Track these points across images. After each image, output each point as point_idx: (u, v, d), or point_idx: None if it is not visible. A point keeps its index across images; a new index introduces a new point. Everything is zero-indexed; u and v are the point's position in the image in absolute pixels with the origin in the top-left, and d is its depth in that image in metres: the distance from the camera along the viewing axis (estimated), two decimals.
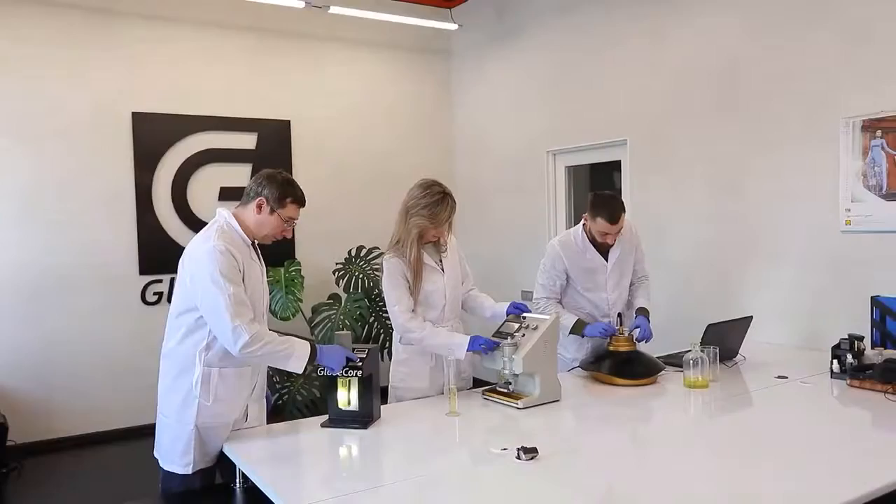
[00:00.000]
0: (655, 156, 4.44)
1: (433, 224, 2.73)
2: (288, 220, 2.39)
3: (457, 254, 2.97)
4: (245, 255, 2.31)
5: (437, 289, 2.83)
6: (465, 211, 6.25)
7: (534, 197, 5.45)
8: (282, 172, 2.43)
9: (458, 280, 2.94)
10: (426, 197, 2.74)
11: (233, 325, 2.13)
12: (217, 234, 2.25)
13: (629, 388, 2.87)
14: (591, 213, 3.13)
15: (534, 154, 5.40)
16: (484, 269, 6.02)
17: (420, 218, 2.72)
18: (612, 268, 3.26)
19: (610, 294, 3.28)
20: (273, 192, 2.34)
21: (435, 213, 2.72)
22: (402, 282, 2.77)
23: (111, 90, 4.87)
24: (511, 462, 2.00)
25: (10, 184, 4.59)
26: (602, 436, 2.32)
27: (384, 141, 6.01)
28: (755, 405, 2.71)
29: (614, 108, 4.69)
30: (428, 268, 2.82)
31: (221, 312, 2.14)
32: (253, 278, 2.33)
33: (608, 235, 3.13)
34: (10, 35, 4.56)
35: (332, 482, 1.97)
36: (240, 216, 2.37)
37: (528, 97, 5.46)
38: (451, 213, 2.77)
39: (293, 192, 2.38)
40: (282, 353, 2.22)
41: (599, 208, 3.09)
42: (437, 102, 6.31)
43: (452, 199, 2.80)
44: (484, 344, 2.68)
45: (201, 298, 2.19)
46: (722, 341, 3.14)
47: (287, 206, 2.36)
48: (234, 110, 5.33)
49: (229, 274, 2.18)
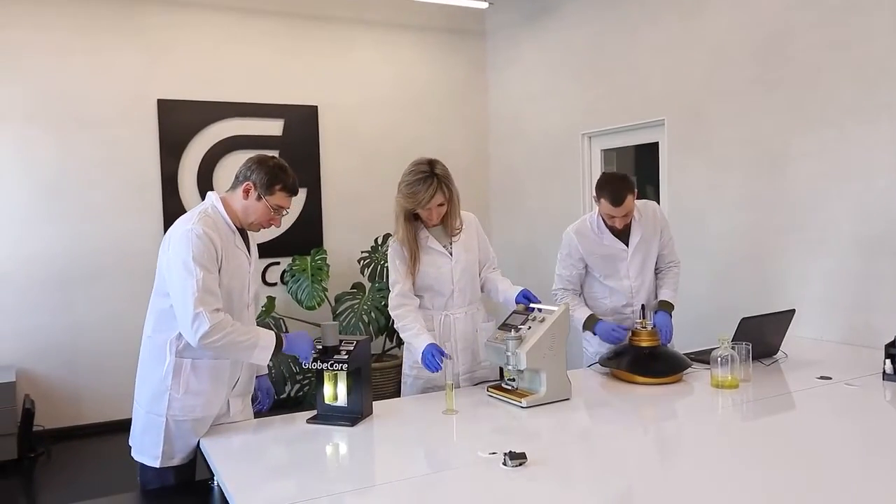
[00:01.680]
0: (694, 136, 4.12)
1: (412, 204, 2.56)
2: (276, 209, 2.24)
3: (475, 235, 2.78)
4: (228, 242, 2.19)
5: (441, 274, 2.64)
6: (500, 197, 6.05)
7: (568, 182, 5.18)
8: (275, 158, 2.29)
9: (473, 263, 2.75)
10: (410, 175, 2.58)
11: (194, 312, 2.00)
12: (198, 218, 2.14)
13: (650, 386, 2.63)
14: (596, 193, 2.91)
15: (568, 137, 5.13)
16: (518, 257, 5.82)
17: (401, 197, 2.58)
18: (633, 253, 3.02)
19: (633, 281, 3.05)
20: (261, 178, 2.20)
21: (414, 192, 2.54)
22: (398, 265, 2.64)
23: (137, 77, 4.86)
24: (496, 468, 1.80)
25: (40, 174, 4.63)
26: (611, 440, 2.09)
27: (415, 126, 5.84)
28: (790, 409, 2.41)
29: (651, 86, 4.38)
30: (432, 251, 2.65)
31: (186, 298, 2.02)
32: (234, 266, 2.20)
33: (614, 218, 2.91)
34: (35, 23, 4.58)
35: (296, 483, 1.81)
36: (227, 201, 2.25)
37: (562, 77, 5.19)
38: (433, 193, 2.53)
39: (284, 179, 2.23)
40: (244, 343, 2.08)
41: (603, 188, 2.87)
42: (471, 85, 6.09)
43: (441, 179, 2.56)
44: (430, 359, 2.46)
45: (171, 282, 2.08)
46: (759, 337, 2.86)
47: (276, 194, 2.22)
48: (261, 96, 5.25)
49: (201, 259, 2.05)
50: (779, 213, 3.66)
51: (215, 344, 2.03)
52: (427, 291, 2.70)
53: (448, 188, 2.60)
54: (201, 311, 2.00)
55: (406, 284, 2.62)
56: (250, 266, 2.30)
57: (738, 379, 2.57)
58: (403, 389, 2.75)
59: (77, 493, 3.94)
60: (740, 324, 2.78)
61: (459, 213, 2.71)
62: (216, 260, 2.10)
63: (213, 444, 2.11)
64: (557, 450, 2.01)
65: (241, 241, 2.26)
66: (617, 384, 2.69)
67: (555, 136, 5.29)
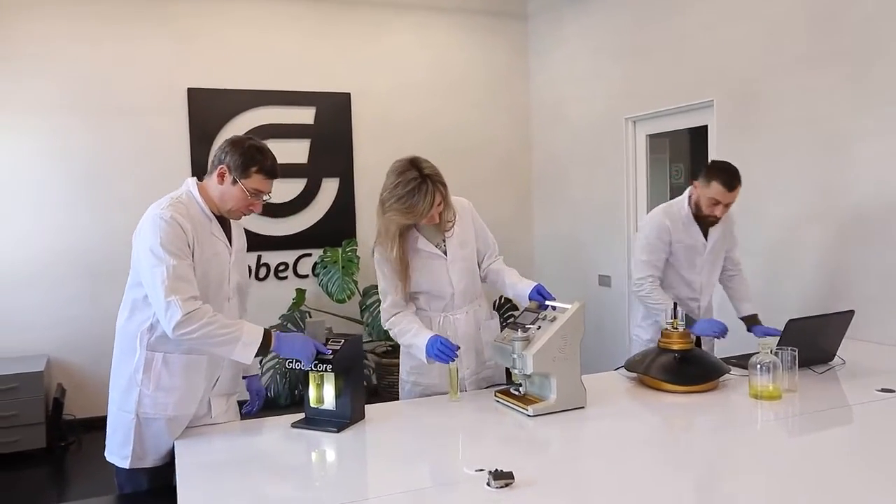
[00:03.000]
0: (744, 118, 3.74)
1: (411, 219, 2.28)
2: (254, 193, 2.07)
3: (470, 224, 2.49)
4: (202, 230, 2.04)
5: (437, 278, 2.40)
6: (543, 186, 5.76)
7: (612, 170, 4.87)
8: (252, 139, 2.12)
9: (471, 259, 2.49)
10: (399, 186, 2.22)
11: (165, 300, 1.85)
12: (168, 203, 2.01)
13: (680, 395, 2.34)
14: (707, 176, 2.84)
15: (612, 122, 4.81)
16: (560, 248, 5.55)
17: (396, 213, 2.26)
18: (710, 248, 2.98)
19: (705, 277, 3.03)
20: (236, 160, 2.03)
21: (412, 205, 2.22)
22: (388, 273, 2.38)
23: (167, 66, 4.81)
24: (479, 489, 1.57)
25: (75, 165, 4.63)
26: (625, 457, 1.82)
27: (452, 113, 5.62)
28: (843, 425, 2.09)
29: (698, 65, 4.02)
30: (424, 255, 2.40)
31: (156, 287, 1.88)
32: (209, 256, 2.04)
33: (718, 206, 2.84)
34: (68, 14, 4.58)
35: (256, 496, 1.63)
36: (205, 187, 2.11)
37: (605, 59, 4.87)
38: (432, 200, 2.23)
39: (260, 160, 2.06)
40: (224, 337, 1.90)
41: (718, 171, 2.83)
42: (512, 69, 5.82)
43: (434, 181, 2.24)
44: (440, 348, 2.22)
45: (142, 272, 1.95)
46: (811, 341, 2.53)
47: (252, 177, 2.05)
48: (292, 84, 5.13)
49: (171, 246, 1.91)
50: (838, 201, 3.27)
51: (190, 335, 1.86)
52: (423, 295, 2.45)
53: (443, 188, 2.30)
54: (173, 300, 1.85)
55: (398, 294, 2.38)
56: (231, 256, 2.14)
57: (781, 389, 2.25)
58: (401, 396, 2.53)
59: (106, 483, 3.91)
60: (787, 326, 2.46)
61: (451, 204, 2.44)
62: (188, 246, 1.95)
63: (185, 446, 1.96)
64: (561, 467, 1.77)
65: (219, 229, 2.10)
66: (644, 392, 2.41)
67: (598, 121, 4.98)
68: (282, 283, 5.16)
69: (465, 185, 5.78)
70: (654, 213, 3.02)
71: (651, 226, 2.97)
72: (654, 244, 2.94)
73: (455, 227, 2.45)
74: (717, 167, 2.88)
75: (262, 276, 5.11)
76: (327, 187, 5.23)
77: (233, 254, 2.15)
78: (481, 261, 2.54)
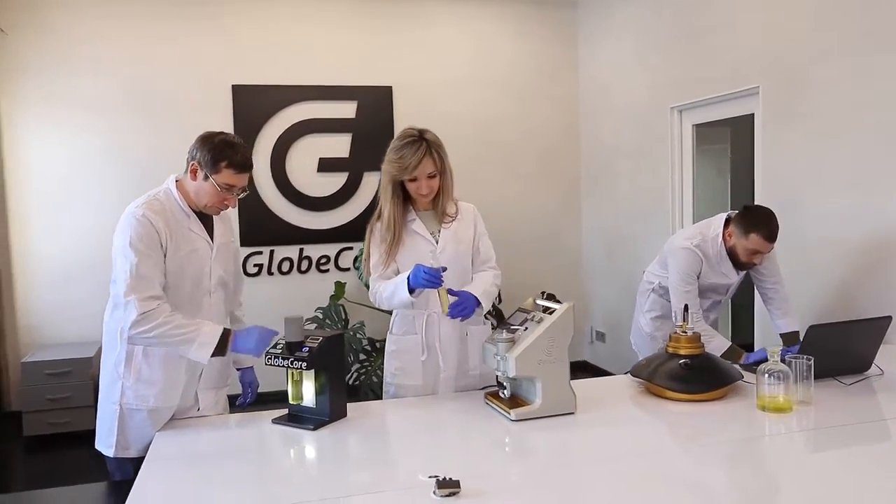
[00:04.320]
0: (792, 105, 3.47)
1: (398, 170, 2.27)
2: (225, 188, 2.07)
3: (471, 226, 2.45)
4: (181, 226, 2.08)
5: (420, 262, 2.35)
6: (590, 180, 5.58)
7: (657, 162, 4.65)
8: (222, 133, 2.10)
9: (463, 256, 2.41)
10: (397, 140, 2.31)
11: (125, 300, 1.91)
12: (143, 200, 2.06)
13: (684, 403, 2.19)
14: (743, 227, 2.70)
15: (657, 112, 4.59)
16: (605, 243, 5.38)
17: (387, 164, 2.30)
18: (736, 283, 2.96)
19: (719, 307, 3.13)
20: (205, 156, 2.04)
21: (401, 156, 2.25)
22: (377, 245, 2.38)
23: (212, 64, 4.94)
24: (425, 497, 1.52)
25: (128, 163, 4.81)
26: (599, 469, 1.72)
27: (496, 105, 5.51)
28: (865, 443, 1.89)
29: (744, 49, 3.77)
30: (415, 235, 2.36)
31: (120, 284, 1.94)
32: (186, 252, 2.08)
33: (758, 255, 2.72)
34: (120, 14, 4.77)
35: (198, 493, 1.63)
36: (183, 183, 2.13)
37: (650, 46, 4.65)
38: (421, 157, 2.23)
39: (230, 154, 2.05)
40: (179, 338, 1.94)
41: (757, 224, 2.68)
42: (560, 60, 5.65)
43: (431, 145, 2.27)
44: (426, 277, 2.12)
45: (114, 269, 2.01)
46: (840, 349, 2.32)
47: (222, 172, 2.05)
48: (334, 78, 5.17)
49: (140, 244, 1.95)
50: (893, 196, 2.99)
51: (145, 335, 1.91)
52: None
53: (440, 157, 2.30)
54: (131, 299, 1.91)
55: (386, 272, 2.35)
56: (213, 251, 2.16)
57: (793, 401, 2.07)
58: (384, 399, 2.48)
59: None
60: (807, 333, 2.26)
61: (453, 196, 2.40)
62: (159, 244, 1.99)
63: (164, 437, 2.01)
64: (528, 475, 1.70)
65: (198, 225, 2.12)
66: (647, 399, 2.27)
67: (643, 111, 4.76)
68: (323, 275, 5.22)
69: (509, 178, 5.73)
70: (688, 247, 2.87)
71: (690, 260, 2.86)
72: (692, 276, 2.86)
73: (455, 223, 2.41)
74: (756, 219, 2.72)
75: (303, 269, 5.19)
76: (369, 181, 5.25)
77: (214, 249, 2.16)
78: (474, 267, 2.46)
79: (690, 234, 2.95)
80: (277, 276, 5.14)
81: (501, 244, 5.56)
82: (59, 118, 4.72)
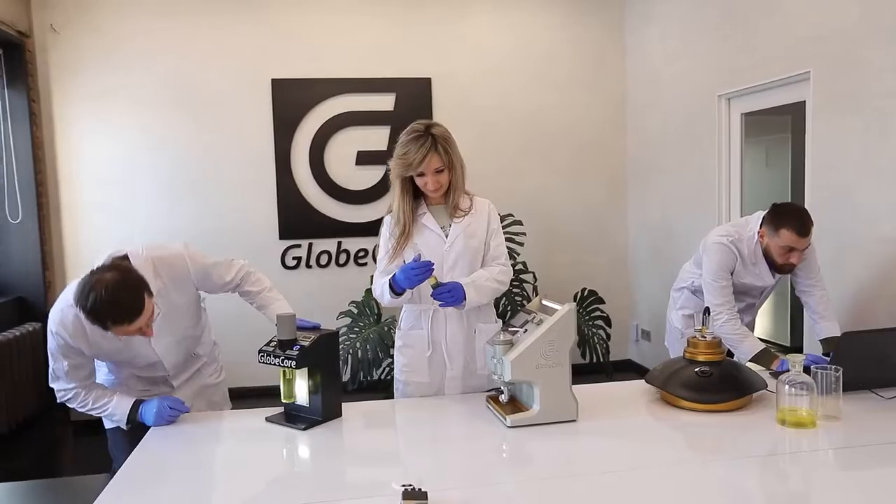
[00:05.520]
0: (844, 90, 3.21)
1: (404, 167, 2.21)
2: (126, 335, 1.95)
3: (485, 222, 2.35)
4: (95, 334, 1.99)
5: (431, 257, 2.28)
6: (637, 172, 5.37)
7: (704, 154, 4.41)
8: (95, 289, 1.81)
9: (475, 252, 2.32)
10: (403, 135, 2.25)
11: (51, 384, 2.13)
12: (60, 308, 2.03)
13: (699, 413, 2.04)
14: (774, 225, 2.55)
15: (705, 100, 4.35)
16: (650, 237, 5.19)
17: (394, 160, 2.25)
18: (771, 287, 2.78)
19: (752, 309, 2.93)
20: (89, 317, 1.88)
21: (406, 152, 2.20)
22: (386, 240, 2.34)
23: (252, 58, 4.99)
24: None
25: (172, 154, 4.94)
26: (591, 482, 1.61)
27: (536, 96, 5.36)
28: (884, 467, 1.70)
29: (795, 31, 3.50)
30: (424, 229, 2.30)
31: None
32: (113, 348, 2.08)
33: (793, 252, 2.54)
34: (151, 9, 4.87)
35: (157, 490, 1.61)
36: None
37: (697, 30, 4.40)
38: (426, 152, 2.17)
39: (88, 314, 1.85)
40: (97, 412, 2.14)
41: (786, 217, 2.52)
42: (606, 48, 5.44)
43: (438, 139, 2.20)
44: (412, 273, 2.10)
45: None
46: (881, 358, 2.11)
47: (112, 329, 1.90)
48: (372, 71, 5.14)
49: (52, 350, 2.06)
50: None
51: (75, 409, 2.14)
52: None
53: (447, 152, 2.22)
54: (55, 388, 2.12)
55: (390, 267, 2.30)
56: (152, 333, 2.01)
57: (817, 415, 1.90)
58: (395, 396, 2.43)
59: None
60: (841, 340, 2.07)
61: (464, 189, 2.32)
62: (72, 350, 2.04)
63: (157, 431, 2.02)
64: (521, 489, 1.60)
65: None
66: (661, 407, 2.13)
67: (690, 100, 4.53)
68: (361, 269, 5.21)
69: (550, 170, 5.57)
70: (721, 241, 2.70)
71: (722, 252, 2.69)
72: (724, 271, 2.69)
73: (468, 218, 2.32)
74: (784, 212, 2.58)
75: (342, 263, 5.20)
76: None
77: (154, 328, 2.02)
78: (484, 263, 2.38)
79: (726, 230, 2.77)
80: (315, 268, 5.17)
81: (542, 237, 5.51)
82: (106, 113, 4.87)
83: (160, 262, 2.07)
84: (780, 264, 2.61)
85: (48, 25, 4.77)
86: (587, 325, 4.81)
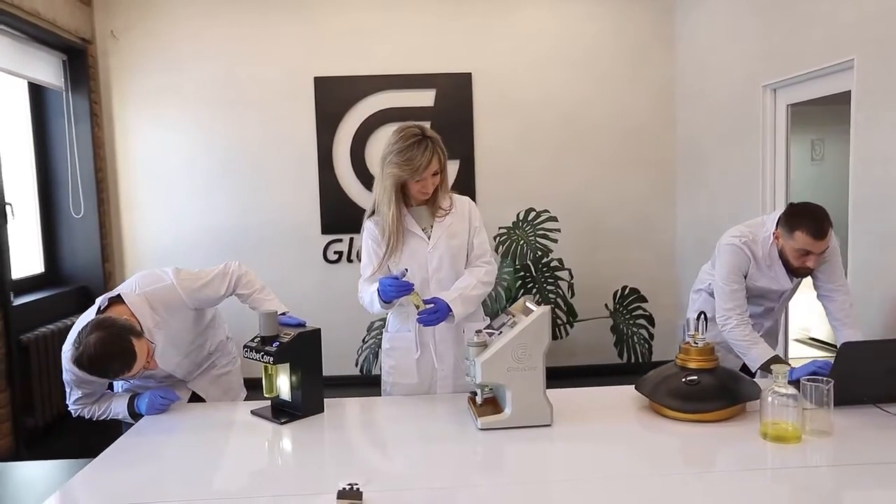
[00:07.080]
0: (892, 80, 2.98)
1: (409, 172, 2.20)
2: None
3: (466, 220, 2.35)
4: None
5: (417, 260, 2.29)
6: (685, 166, 5.17)
7: (748, 147, 4.20)
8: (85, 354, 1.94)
9: (458, 252, 2.33)
10: (399, 141, 2.23)
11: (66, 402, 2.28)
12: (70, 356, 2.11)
13: (683, 423, 1.97)
14: (789, 226, 2.39)
15: (750, 91, 4.13)
16: (697, 233, 5.02)
17: (394, 166, 2.22)
18: (790, 291, 2.62)
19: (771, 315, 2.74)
20: None
21: (410, 157, 2.18)
22: (371, 247, 2.35)
23: (295, 57, 5.11)
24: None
25: (217, 151, 5.15)
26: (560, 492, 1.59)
27: (579, 88, 5.24)
28: (872, 489, 1.59)
29: (839, 16, 3.27)
30: (408, 234, 2.30)
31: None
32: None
33: (809, 256, 2.37)
34: (203, 11, 5.06)
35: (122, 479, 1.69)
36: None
37: (743, 17, 4.18)
38: (430, 158, 2.20)
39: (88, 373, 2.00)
40: (106, 416, 2.27)
41: (800, 218, 2.36)
42: (654, 38, 5.25)
43: (435, 143, 2.23)
44: (391, 290, 2.11)
45: None
46: (884, 371, 1.97)
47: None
48: (412, 66, 5.16)
49: (67, 382, 2.20)
50: None
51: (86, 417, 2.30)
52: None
53: (442, 154, 2.25)
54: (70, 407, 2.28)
55: (378, 275, 2.31)
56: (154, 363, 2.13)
57: (804, 430, 1.79)
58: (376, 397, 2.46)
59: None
60: (839, 351, 1.94)
61: (449, 190, 2.32)
62: (84, 382, 2.17)
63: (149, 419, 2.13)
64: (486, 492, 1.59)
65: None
66: (647, 415, 2.07)
67: (735, 91, 4.32)
68: None
69: (594, 164, 5.44)
70: (734, 242, 2.56)
71: (734, 253, 2.55)
72: (736, 273, 2.55)
73: (448, 217, 2.33)
74: (799, 212, 2.41)
75: None
76: (448, 170, 5.19)
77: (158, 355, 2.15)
78: (468, 262, 2.36)
79: (740, 231, 2.63)
80: (356, 263, 5.25)
81: (583, 234, 5.39)
82: (160, 112, 5.11)
83: (153, 296, 2.16)
84: (797, 268, 2.46)
85: (108, 32, 5.05)
86: (626, 325, 4.69)
